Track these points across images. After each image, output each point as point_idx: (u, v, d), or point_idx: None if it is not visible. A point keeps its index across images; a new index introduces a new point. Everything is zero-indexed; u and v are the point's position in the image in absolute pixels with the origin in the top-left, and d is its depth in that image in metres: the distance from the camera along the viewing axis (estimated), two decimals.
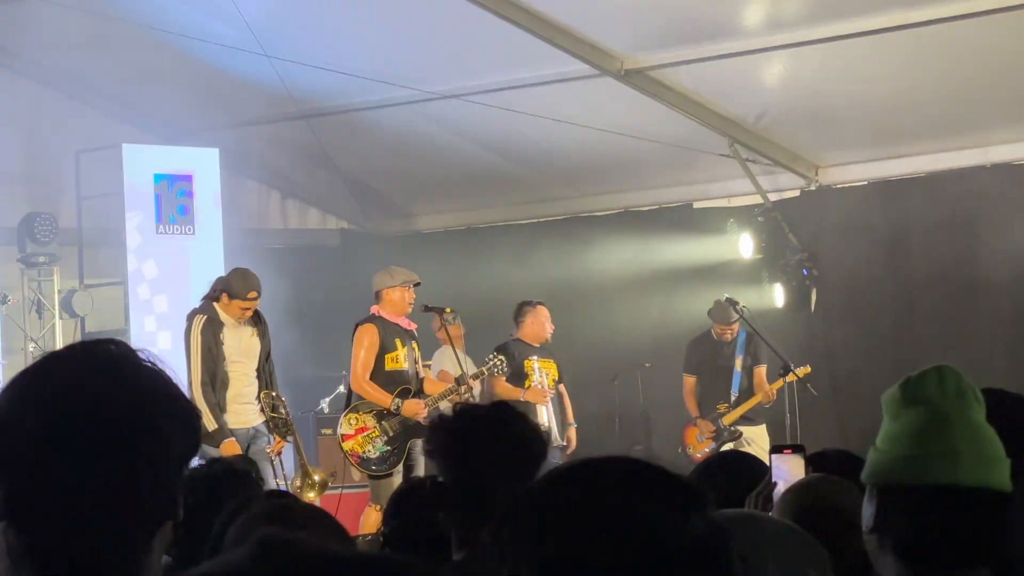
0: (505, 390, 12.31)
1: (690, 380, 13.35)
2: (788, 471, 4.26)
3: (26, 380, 2.01)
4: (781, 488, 4.18)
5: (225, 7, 12.31)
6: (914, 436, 2.45)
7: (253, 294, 10.77)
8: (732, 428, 12.90)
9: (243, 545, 1.25)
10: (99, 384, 1.97)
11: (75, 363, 2.01)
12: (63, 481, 1.93)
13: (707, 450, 12.61)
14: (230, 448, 10.37)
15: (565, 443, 12.44)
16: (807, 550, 2.75)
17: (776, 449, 4.37)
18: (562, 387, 12.72)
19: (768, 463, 4.33)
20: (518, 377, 12.38)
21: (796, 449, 4.35)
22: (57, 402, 1.95)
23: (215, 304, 10.79)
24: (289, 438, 10.85)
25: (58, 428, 1.93)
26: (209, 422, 10.30)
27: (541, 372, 12.41)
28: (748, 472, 4.29)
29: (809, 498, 3.62)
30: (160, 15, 12.86)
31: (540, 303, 12.79)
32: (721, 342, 13.19)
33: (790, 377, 12.66)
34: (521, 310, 12.78)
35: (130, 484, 1.95)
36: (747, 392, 13.06)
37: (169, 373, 2.04)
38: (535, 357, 12.46)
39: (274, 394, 10.89)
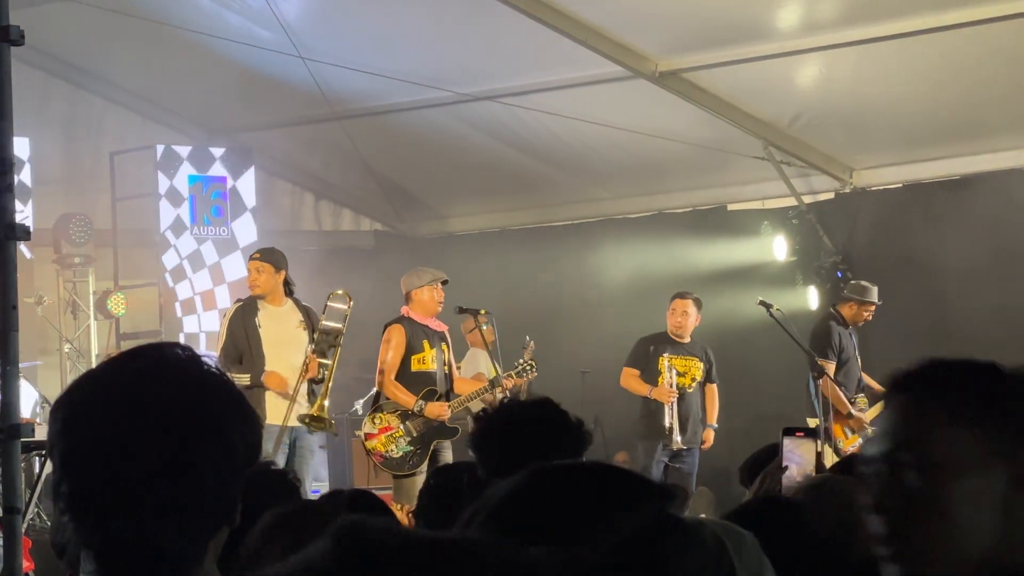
0: (635, 385, 12.31)
1: (831, 366, 12.35)
2: (800, 454, 4.27)
3: (95, 380, 2.04)
4: (793, 471, 4.19)
5: (261, 9, 12.35)
6: None
7: (254, 254, 11.02)
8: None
9: (321, 538, 1.25)
10: (166, 388, 1.99)
11: (144, 366, 2.03)
12: (126, 482, 1.95)
13: (855, 446, 12.21)
14: (273, 379, 10.53)
15: (687, 447, 12.22)
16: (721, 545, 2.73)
17: (788, 432, 4.38)
18: (712, 387, 12.53)
19: (780, 445, 4.34)
20: (653, 374, 12.32)
21: (808, 433, 4.37)
22: (124, 404, 1.97)
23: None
24: (328, 357, 10.71)
25: (124, 430, 1.96)
26: (241, 379, 10.24)
27: (672, 370, 12.32)
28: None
29: (818, 498, 3.63)
30: (195, 17, 12.89)
31: (681, 295, 12.63)
32: (850, 329, 12.64)
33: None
34: (670, 302, 12.65)
35: (192, 488, 1.97)
36: (867, 385, 12.75)
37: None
38: (668, 355, 12.36)
39: (340, 292, 10.92)
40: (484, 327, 11.97)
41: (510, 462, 3.95)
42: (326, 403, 10.66)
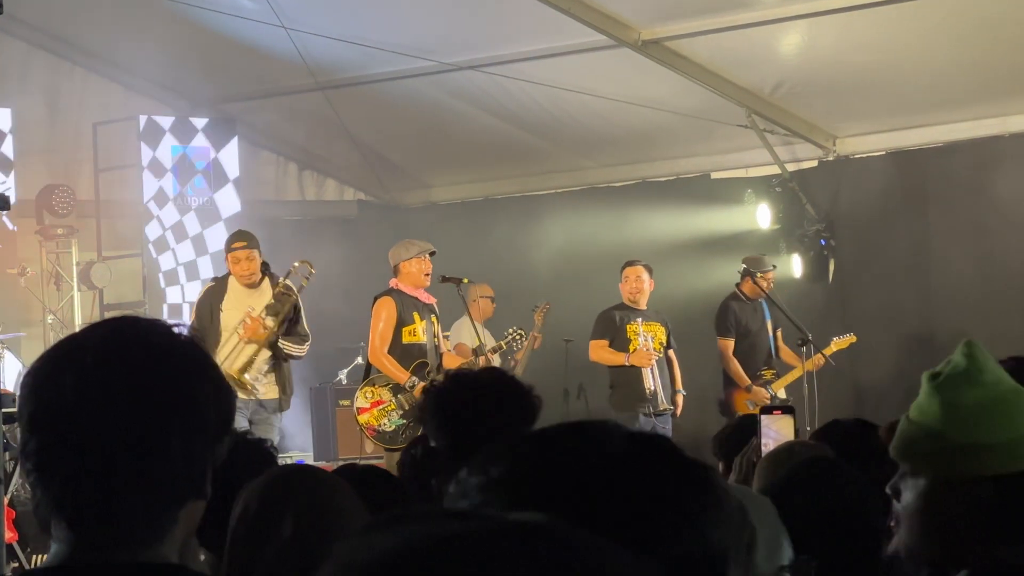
0: (608, 356, 12.29)
1: (730, 343, 12.82)
2: (778, 431, 4.31)
3: (71, 343, 2.07)
4: (771, 447, 4.22)
5: None
6: (996, 420, 2.34)
7: (237, 243, 10.87)
8: (784, 398, 12.51)
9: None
10: (140, 354, 2.02)
11: (120, 331, 2.06)
12: (94, 441, 1.97)
13: None
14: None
15: (672, 407, 12.26)
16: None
17: (766, 410, 4.41)
18: (671, 352, 12.54)
19: (758, 423, 4.37)
20: (623, 342, 12.31)
21: (786, 410, 4.40)
22: (97, 367, 2.00)
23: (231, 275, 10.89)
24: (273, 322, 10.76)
25: (95, 391, 1.98)
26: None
27: (646, 335, 12.32)
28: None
29: (785, 462, 3.65)
30: None
31: (631, 262, 12.67)
32: (754, 303, 12.94)
33: (833, 347, 12.54)
34: (621, 272, 12.68)
35: (159, 453, 1.98)
36: (778, 358, 12.92)
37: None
38: (639, 320, 12.37)
39: (298, 264, 11.02)
40: (469, 298, 11.94)
41: (464, 432, 3.98)
42: (248, 371, 10.64)
